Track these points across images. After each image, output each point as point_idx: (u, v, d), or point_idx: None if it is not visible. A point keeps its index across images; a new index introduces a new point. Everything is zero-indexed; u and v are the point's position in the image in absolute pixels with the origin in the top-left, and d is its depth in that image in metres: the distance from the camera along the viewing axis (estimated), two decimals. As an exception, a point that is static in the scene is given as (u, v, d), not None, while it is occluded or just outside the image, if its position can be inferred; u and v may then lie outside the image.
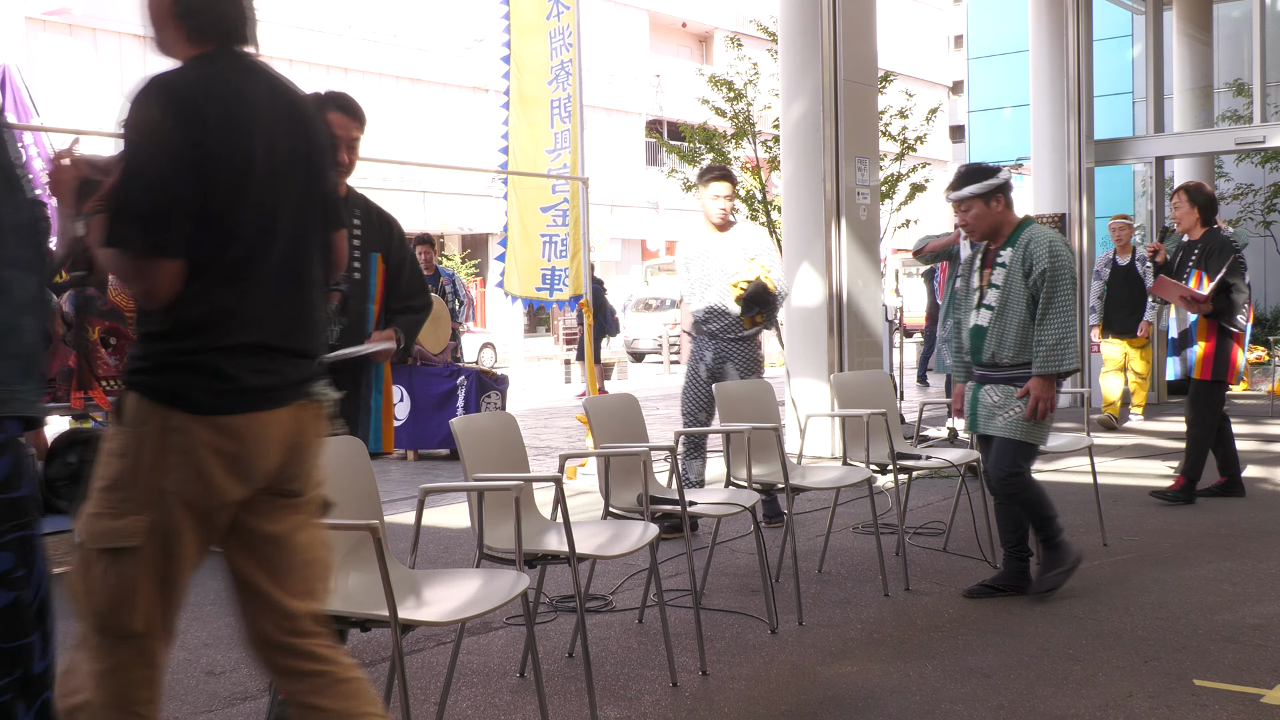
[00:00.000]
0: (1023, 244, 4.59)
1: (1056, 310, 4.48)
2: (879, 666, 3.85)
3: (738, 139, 17.98)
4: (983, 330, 4.66)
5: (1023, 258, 4.56)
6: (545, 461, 9.01)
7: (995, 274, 4.64)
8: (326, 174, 2.40)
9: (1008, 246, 4.64)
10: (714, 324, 5.93)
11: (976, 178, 4.70)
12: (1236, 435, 7.03)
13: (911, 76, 35.89)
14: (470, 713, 3.50)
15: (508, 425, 3.93)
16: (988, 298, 4.65)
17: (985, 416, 4.67)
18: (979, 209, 4.68)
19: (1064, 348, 4.47)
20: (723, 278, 5.88)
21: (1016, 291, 4.57)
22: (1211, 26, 16.26)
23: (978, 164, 4.79)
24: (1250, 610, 4.44)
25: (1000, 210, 4.66)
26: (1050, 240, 4.55)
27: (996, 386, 4.63)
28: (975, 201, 4.66)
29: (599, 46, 28.92)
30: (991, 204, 4.65)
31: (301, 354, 2.29)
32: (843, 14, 8.66)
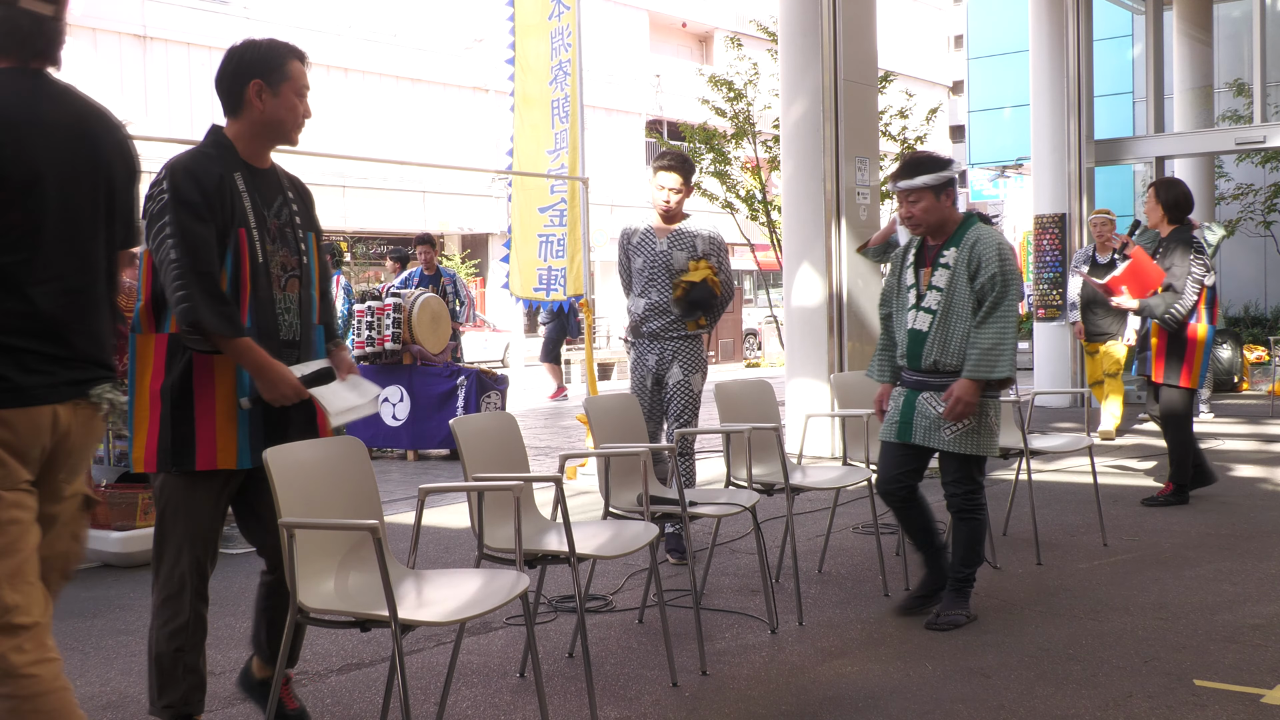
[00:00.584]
0: (968, 244, 4.28)
1: (1000, 315, 4.18)
2: (879, 666, 3.85)
3: (738, 139, 18.01)
4: (922, 335, 4.34)
5: (969, 259, 4.26)
6: (545, 461, 9.01)
7: (937, 275, 4.33)
8: (120, 191, 2.58)
9: (951, 245, 4.33)
10: (655, 323, 5.43)
11: (929, 168, 4.36)
12: (1237, 435, 7.03)
13: (911, 76, 35.88)
14: (470, 713, 3.50)
15: (508, 425, 3.93)
16: (928, 300, 4.33)
17: (927, 428, 4.32)
18: (929, 201, 4.34)
19: (999, 353, 4.17)
20: (667, 275, 5.38)
21: (961, 294, 4.27)
22: (1211, 26, 16.26)
23: (928, 153, 4.47)
24: (1250, 610, 4.44)
25: (948, 205, 4.35)
26: (999, 242, 4.27)
27: (937, 395, 4.31)
28: (926, 193, 4.33)
29: (599, 46, 28.91)
30: (942, 197, 4.34)
31: (79, 358, 2.45)
32: (843, 14, 8.66)
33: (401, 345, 9.17)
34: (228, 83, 3.09)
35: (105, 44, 24.37)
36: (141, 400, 2.99)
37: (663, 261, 5.41)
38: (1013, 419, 6.19)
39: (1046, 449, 5.80)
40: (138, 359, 2.99)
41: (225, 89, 3.10)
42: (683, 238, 5.45)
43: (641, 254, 5.48)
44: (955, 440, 4.27)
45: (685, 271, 5.35)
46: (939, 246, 4.36)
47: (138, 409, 2.99)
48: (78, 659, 4.07)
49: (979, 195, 35.44)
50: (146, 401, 2.98)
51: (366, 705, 3.56)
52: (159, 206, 2.90)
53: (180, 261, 2.86)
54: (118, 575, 5.33)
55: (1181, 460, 6.60)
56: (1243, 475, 7.63)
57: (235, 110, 3.09)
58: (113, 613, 4.69)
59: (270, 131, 3.10)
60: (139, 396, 2.99)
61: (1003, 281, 4.19)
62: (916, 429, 4.35)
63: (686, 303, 5.33)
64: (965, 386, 4.19)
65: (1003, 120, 27.28)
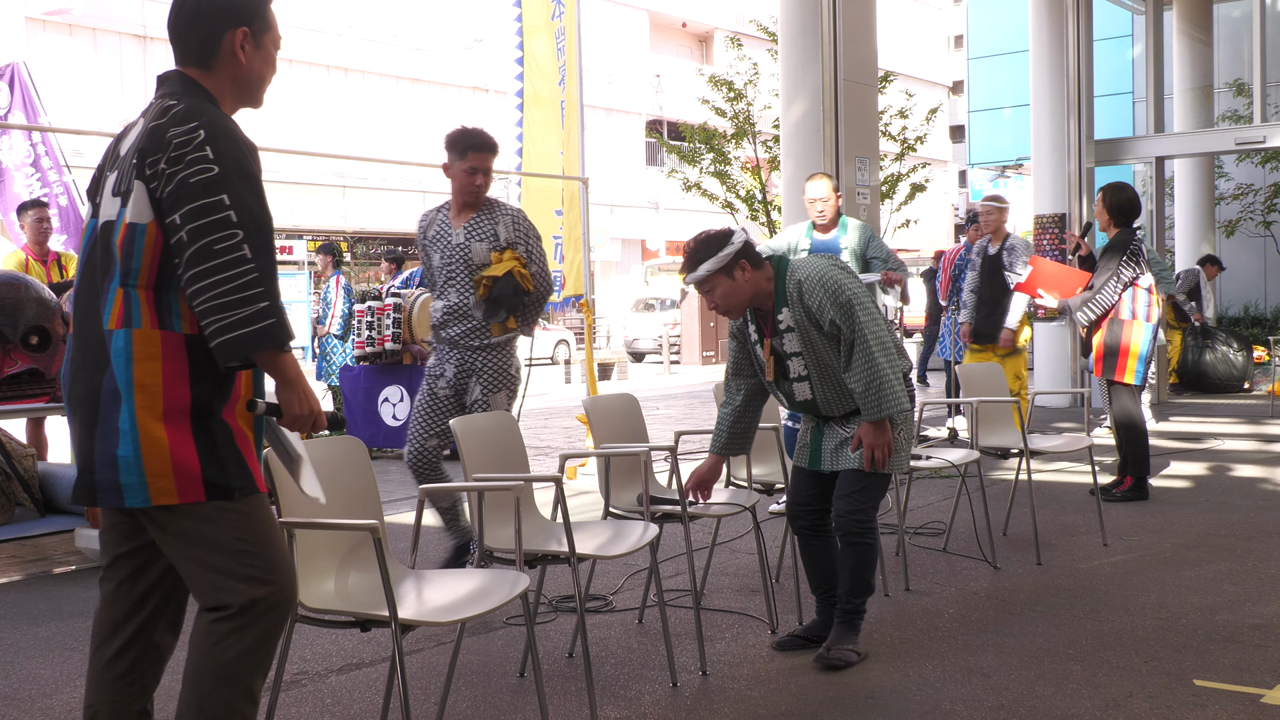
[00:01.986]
0: (794, 299, 3.84)
1: (861, 352, 3.73)
2: (879, 666, 3.85)
3: (738, 139, 18.04)
4: (812, 401, 3.94)
5: (805, 313, 3.83)
6: (545, 461, 9.01)
7: (787, 341, 3.89)
8: None
9: (781, 306, 3.88)
10: (454, 328, 4.72)
11: (708, 250, 3.84)
12: (1240, 435, 7.03)
13: (911, 76, 35.89)
14: (470, 713, 3.50)
15: (508, 425, 3.93)
16: (793, 368, 3.92)
17: (834, 450, 3.98)
18: (725, 285, 3.84)
19: (880, 389, 3.71)
20: (466, 271, 4.68)
21: (820, 346, 3.86)
22: (1211, 26, 16.27)
23: (705, 234, 3.91)
24: (1250, 610, 4.44)
25: (749, 276, 3.85)
26: (818, 276, 3.80)
27: (842, 422, 3.96)
28: (718, 278, 3.83)
29: (599, 46, 28.93)
30: (737, 273, 3.84)
31: None
32: (843, 14, 8.66)
33: (401, 345, 9.18)
34: (201, 27, 2.51)
35: (105, 44, 24.38)
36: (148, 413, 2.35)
37: (460, 256, 4.69)
38: (1013, 419, 6.20)
39: (1046, 449, 5.80)
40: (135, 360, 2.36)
41: (196, 34, 2.51)
42: (481, 226, 4.71)
43: (438, 249, 4.75)
44: (860, 457, 3.91)
45: (487, 265, 4.67)
46: (770, 313, 3.92)
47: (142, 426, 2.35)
48: (78, 659, 4.07)
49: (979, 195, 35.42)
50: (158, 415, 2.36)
51: (366, 705, 3.56)
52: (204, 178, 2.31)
53: (257, 263, 2.33)
54: (118, 575, 5.33)
55: (1136, 454, 6.67)
56: (1243, 475, 7.63)
57: (207, 61, 2.52)
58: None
59: (246, 92, 2.59)
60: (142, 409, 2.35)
61: (846, 317, 3.74)
62: (824, 454, 4.00)
63: (489, 302, 4.67)
64: (868, 430, 3.81)
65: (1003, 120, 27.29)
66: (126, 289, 2.39)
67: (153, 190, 2.36)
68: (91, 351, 2.42)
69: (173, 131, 2.35)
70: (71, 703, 3.64)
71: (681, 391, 16.35)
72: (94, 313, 2.44)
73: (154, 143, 2.37)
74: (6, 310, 5.34)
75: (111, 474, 2.37)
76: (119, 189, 2.44)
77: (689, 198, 20.63)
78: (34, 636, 4.37)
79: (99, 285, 2.44)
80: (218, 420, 2.42)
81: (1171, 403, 12.50)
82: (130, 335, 2.37)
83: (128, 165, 2.42)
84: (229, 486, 2.40)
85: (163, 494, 2.36)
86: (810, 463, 4.06)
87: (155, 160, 2.35)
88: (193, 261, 2.31)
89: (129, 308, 2.39)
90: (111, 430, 2.37)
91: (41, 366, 5.42)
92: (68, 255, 7.95)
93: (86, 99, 22.83)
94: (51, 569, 5.52)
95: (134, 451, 2.35)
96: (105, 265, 2.44)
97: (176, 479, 2.36)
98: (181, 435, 2.37)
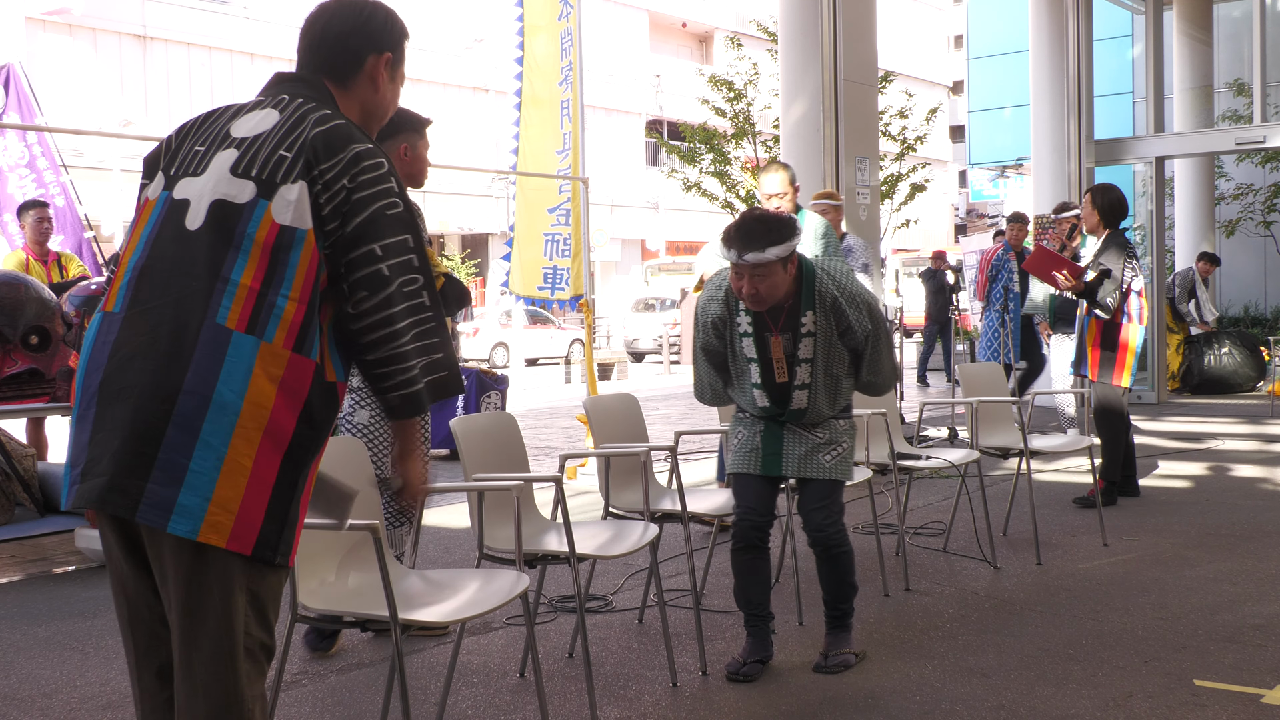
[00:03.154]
0: (822, 301, 3.66)
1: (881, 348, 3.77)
2: (879, 666, 3.85)
3: (738, 139, 18.04)
4: (802, 411, 3.78)
5: (835, 318, 3.68)
6: (545, 461, 9.01)
7: (803, 346, 3.69)
8: None
9: (807, 310, 3.67)
10: None
11: (778, 233, 3.52)
12: (1240, 435, 7.03)
13: (911, 76, 35.90)
14: (470, 713, 3.50)
15: (508, 425, 3.93)
16: (800, 375, 3.72)
17: (803, 456, 3.80)
18: (778, 275, 3.56)
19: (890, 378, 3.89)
20: None
21: (835, 352, 3.73)
22: (1211, 26, 16.28)
23: (763, 212, 3.62)
24: (1250, 610, 4.44)
25: (792, 272, 3.62)
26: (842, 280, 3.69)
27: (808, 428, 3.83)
28: (775, 265, 3.54)
29: (599, 46, 28.93)
30: (789, 266, 3.59)
31: None
32: (843, 14, 8.67)
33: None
34: (353, 40, 2.28)
35: (105, 44, 24.38)
36: (245, 435, 2.02)
37: None
38: (1013, 419, 6.20)
39: (1046, 449, 5.80)
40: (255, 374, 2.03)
41: (339, 49, 2.28)
42: None
43: None
44: (836, 466, 3.81)
45: None
46: (787, 312, 3.69)
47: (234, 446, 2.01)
48: (77, 659, 4.07)
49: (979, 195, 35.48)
50: (254, 441, 2.03)
51: (366, 705, 3.56)
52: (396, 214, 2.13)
53: (435, 313, 2.16)
54: (118, 575, 5.33)
55: (1112, 457, 6.60)
56: (1243, 475, 7.63)
57: (345, 79, 2.29)
58: (113, 613, 4.68)
59: (367, 122, 2.36)
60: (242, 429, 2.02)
61: (873, 321, 3.71)
62: (788, 459, 3.80)
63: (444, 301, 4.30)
64: None
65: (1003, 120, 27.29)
66: (264, 293, 2.05)
67: (320, 200, 2.08)
68: (173, 339, 2.03)
69: (356, 149, 2.11)
70: (71, 703, 3.64)
71: (681, 391, 16.35)
72: (191, 298, 2.05)
73: (329, 151, 2.10)
74: (6, 310, 5.34)
75: (169, 488, 1.98)
76: (248, 172, 2.11)
77: (689, 198, 20.63)
78: (34, 636, 4.37)
79: (209, 270, 2.06)
80: (303, 472, 2.11)
81: (1171, 403, 12.50)
82: (259, 346, 2.02)
83: (271, 155, 2.11)
84: (275, 549, 2.08)
85: (214, 530, 2.00)
86: (765, 468, 3.82)
87: (328, 170, 2.08)
88: (387, 302, 2.08)
89: (266, 315, 2.04)
90: (189, 439, 1.99)
91: (41, 366, 5.42)
92: (67, 255, 7.95)
93: (86, 99, 22.83)
94: (51, 569, 5.52)
95: (212, 470, 1.99)
96: (219, 249, 2.07)
97: (237, 520, 2.01)
98: (266, 473, 2.04)
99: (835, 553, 3.81)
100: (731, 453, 3.94)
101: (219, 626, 2.06)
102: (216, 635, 2.06)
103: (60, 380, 5.43)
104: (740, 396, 3.90)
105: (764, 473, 3.83)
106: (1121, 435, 6.64)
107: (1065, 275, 6.51)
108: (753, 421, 3.89)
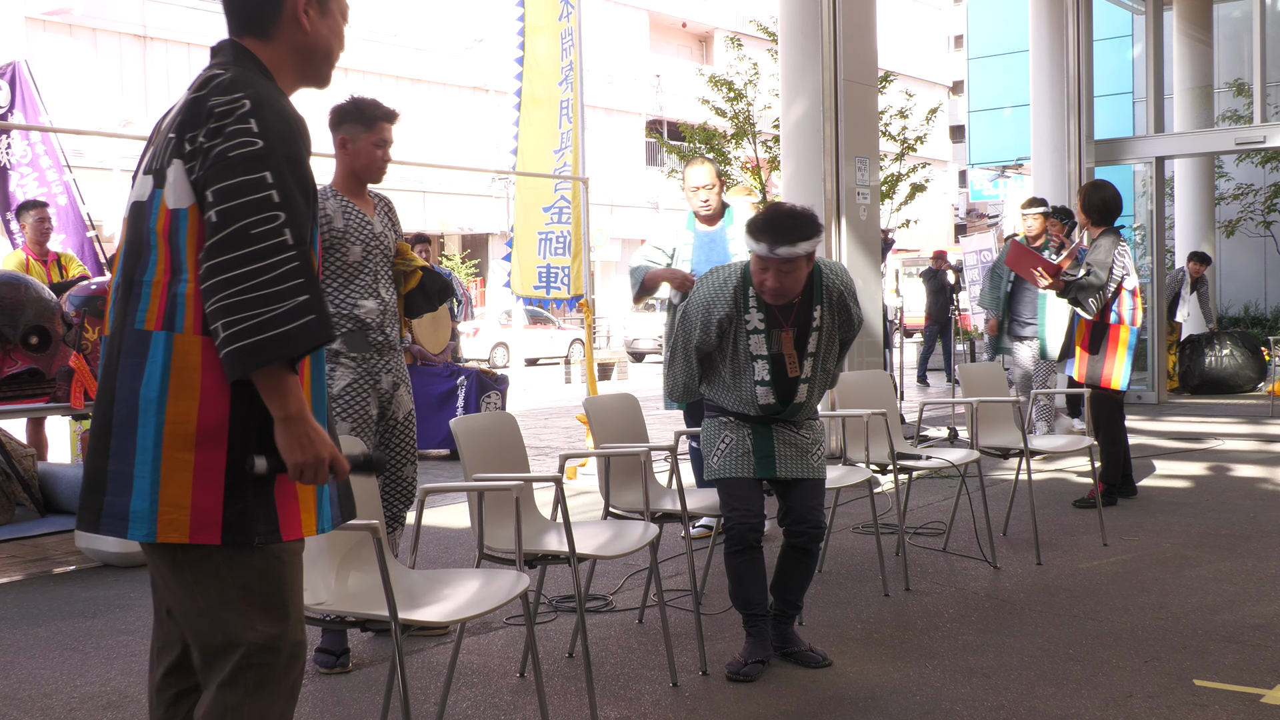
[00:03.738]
0: (830, 295, 3.77)
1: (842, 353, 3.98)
2: (879, 666, 3.85)
3: (738, 139, 18.03)
4: (801, 404, 3.83)
5: (839, 313, 3.81)
6: (545, 461, 9.01)
7: (811, 341, 3.78)
8: None
9: (817, 305, 3.76)
10: (392, 329, 4.15)
11: (813, 228, 3.59)
12: (1240, 435, 7.03)
13: (911, 76, 35.90)
14: (470, 713, 3.50)
15: (508, 425, 3.93)
16: (806, 369, 3.78)
17: (795, 456, 3.85)
18: (803, 270, 3.63)
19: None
20: (388, 263, 4.17)
21: (832, 348, 3.87)
22: (1211, 26, 16.28)
23: (792, 207, 3.65)
24: (1250, 610, 4.44)
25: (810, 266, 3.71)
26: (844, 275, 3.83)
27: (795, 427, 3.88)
28: (803, 261, 3.61)
29: (599, 46, 28.93)
30: (810, 261, 3.67)
31: None
32: (843, 14, 8.66)
33: (402, 346, 9.18)
34: None
35: (105, 44, 24.38)
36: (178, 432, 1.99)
37: (381, 246, 4.12)
38: (1013, 419, 6.20)
39: (1046, 449, 5.80)
40: (173, 369, 2.00)
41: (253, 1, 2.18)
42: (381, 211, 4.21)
43: (359, 239, 4.03)
44: (822, 466, 3.88)
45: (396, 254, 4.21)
46: (798, 308, 3.75)
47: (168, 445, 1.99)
48: (78, 659, 4.07)
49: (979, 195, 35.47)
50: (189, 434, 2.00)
51: (366, 705, 3.56)
52: (244, 153, 1.98)
53: (299, 251, 1.97)
54: (117, 575, 5.33)
55: (1111, 459, 6.54)
56: (1243, 475, 7.63)
57: (265, 29, 2.17)
58: (113, 613, 4.69)
59: (310, 66, 2.24)
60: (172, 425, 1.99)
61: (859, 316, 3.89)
62: (781, 461, 3.84)
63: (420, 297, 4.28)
64: None
65: (1003, 120, 27.31)
66: (171, 284, 2.01)
67: (190, 169, 2.01)
68: (120, 354, 2.05)
69: (214, 101, 2.01)
70: (71, 702, 3.64)
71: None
72: (122, 308, 2.06)
73: (194, 115, 2.02)
74: (6, 310, 5.34)
75: (121, 497, 2.00)
76: (152, 166, 2.10)
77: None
78: (34, 636, 4.37)
79: (133, 277, 2.06)
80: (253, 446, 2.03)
81: (1171, 403, 12.50)
82: (170, 340, 1.99)
83: (164, 141, 2.08)
84: (249, 531, 2.02)
85: (173, 528, 1.99)
86: (760, 470, 3.84)
87: (194, 135, 2.01)
88: (221, 247, 1.93)
89: (172, 306, 2.00)
90: (129, 446, 2.00)
91: (41, 366, 5.42)
92: (67, 256, 7.96)
93: (86, 99, 22.83)
94: (51, 569, 5.52)
95: (152, 473, 1.99)
96: (137, 254, 2.06)
97: (193, 513, 1.99)
98: (211, 462, 1.99)
99: (814, 549, 3.87)
100: (719, 457, 3.89)
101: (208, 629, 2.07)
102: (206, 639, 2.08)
103: (60, 380, 5.43)
104: (728, 396, 3.87)
105: (758, 475, 3.85)
106: (1119, 437, 6.59)
107: (1041, 272, 6.47)
108: (738, 425, 3.88)
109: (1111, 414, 6.54)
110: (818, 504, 3.86)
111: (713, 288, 3.80)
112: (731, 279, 3.77)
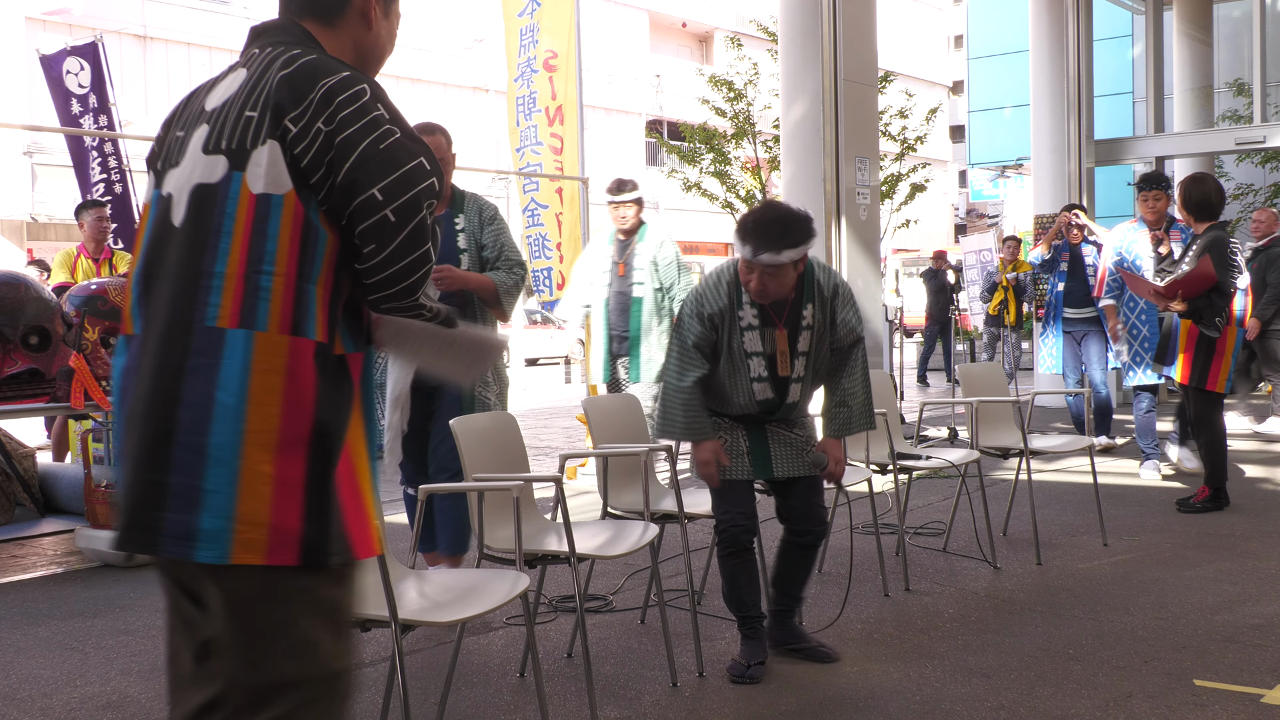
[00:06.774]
0: (822, 294, 3.77)
1: (862, 358, 3.88)
2: (879, 666, 3.85)
3: (738, 139, 18.04)
4: (794, 404, 3.84)
5: (830, 311, 3.79)
6: (545, 461, 9.01)
7: (802, 339, 3.76)
8: None
9: (807, 303, 3.76)
10: None
11: (805, 232, 3.56)
12: (1237, 435, 7.00)
13: (911, 76, 35.89)
14: (470, 713, 3.50)
15: (508, 425, 3.93)
16: (797, 368, 3.79)
17: (791, 456, 3.86)
18: (788, 275, 3.62)
19: (865, 406, 3.89)
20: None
21: (824, 349, 3.84)
22: (1211, 26, 16.28)
23: (783, 212, 3.62)
24: (1250, 610, 4.44)
25: (800, 269, 3.69)
26: (836, 276, 3.82)
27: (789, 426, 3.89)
28: (787, 267, 3.58)
29: (599, 46, 28.93)
30: (799, 265, 3.64)
31: None
32: (843, 14, 8.67)
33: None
34: None
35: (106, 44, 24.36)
36: (258, 441, 1.79)
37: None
38: (1013, 419, 6.20)
39: (1046, 449, 5.80)
40: (254, 371, 1.80)
41: None
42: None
43: None
44: (817, 463, 3.86)
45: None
46: (790, 306, 3.74)
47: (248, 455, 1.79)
48: (78, 659, 4.07)
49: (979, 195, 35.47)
50: (270, 445, 1.80)
51: (366, 705, 3.56)
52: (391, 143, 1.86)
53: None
54: (118, 575, 5.33)
55: (1214, 463, 6.40)
56: (1243, 475, 7.62)
57: (331, 16, 2.04)
58: (113, 613, 4.69)
59: (362, 63, 2.10)
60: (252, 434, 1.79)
61: (858, 318, 3.83)
62: (777, 461, 3.84)
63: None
64: (836, 445, 3.88)
65: (1003, 120, 27.31)
66: (249, 276, 1.81)
67: (296, 153, 1.83)
68: (174, 352, 1.83)
69: (326, 83, 1.84)
70: (71, 702, 3.64)
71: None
72: (182, 302, 1.84)
73: (296, 95, 1.84)
74: (6, 310, 5.34)
75: (187, 514, 1.78)
76: (218, 145, 1.88)
77: (689, 198, 20.63)
78: (34, 636, 4.37)
79: (192, 267, 1.85)
80: (336, 458, 1.86)
81: (1171, 403, 12.48)
82: (252, 339, 1.80)
83: (238, 119, 1.87)
84: (326, 550, 1.83)
85: (248, 549, 1.78)
86: (758, 471, 3.84)
87: (299, 117, 1.82)
88: (403, 250, 1.85)
89: (254, 302, 1.81)
90: (198, 456, 1.78)
91: (41, 366, 5.42)
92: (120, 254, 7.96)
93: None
94: (51, 569, 5.52)
95: (229, 485, 1.77)
96: (200, 241, 1.85)
97: (271, 531, 1.78)
98: (291, 475, 1.81)
99: (817, 544, 3.91)
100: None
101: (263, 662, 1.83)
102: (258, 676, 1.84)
103: (60, 380, 5.43)
104: (723, 397, 3.85)
105: (756, 476, 3.86)
106: (1220, 440, 6.41)
107: (1153, 297, 6.32)
108: (733, 426, 3.88)
109: (1212, 415, 6.37)
110: (819, 500, 3.89)
111: (709, 284, 3.83)
112: (725, 275, 3.79)
